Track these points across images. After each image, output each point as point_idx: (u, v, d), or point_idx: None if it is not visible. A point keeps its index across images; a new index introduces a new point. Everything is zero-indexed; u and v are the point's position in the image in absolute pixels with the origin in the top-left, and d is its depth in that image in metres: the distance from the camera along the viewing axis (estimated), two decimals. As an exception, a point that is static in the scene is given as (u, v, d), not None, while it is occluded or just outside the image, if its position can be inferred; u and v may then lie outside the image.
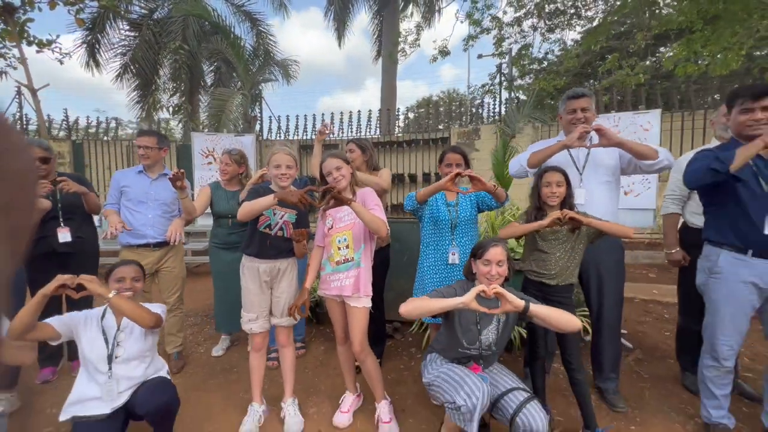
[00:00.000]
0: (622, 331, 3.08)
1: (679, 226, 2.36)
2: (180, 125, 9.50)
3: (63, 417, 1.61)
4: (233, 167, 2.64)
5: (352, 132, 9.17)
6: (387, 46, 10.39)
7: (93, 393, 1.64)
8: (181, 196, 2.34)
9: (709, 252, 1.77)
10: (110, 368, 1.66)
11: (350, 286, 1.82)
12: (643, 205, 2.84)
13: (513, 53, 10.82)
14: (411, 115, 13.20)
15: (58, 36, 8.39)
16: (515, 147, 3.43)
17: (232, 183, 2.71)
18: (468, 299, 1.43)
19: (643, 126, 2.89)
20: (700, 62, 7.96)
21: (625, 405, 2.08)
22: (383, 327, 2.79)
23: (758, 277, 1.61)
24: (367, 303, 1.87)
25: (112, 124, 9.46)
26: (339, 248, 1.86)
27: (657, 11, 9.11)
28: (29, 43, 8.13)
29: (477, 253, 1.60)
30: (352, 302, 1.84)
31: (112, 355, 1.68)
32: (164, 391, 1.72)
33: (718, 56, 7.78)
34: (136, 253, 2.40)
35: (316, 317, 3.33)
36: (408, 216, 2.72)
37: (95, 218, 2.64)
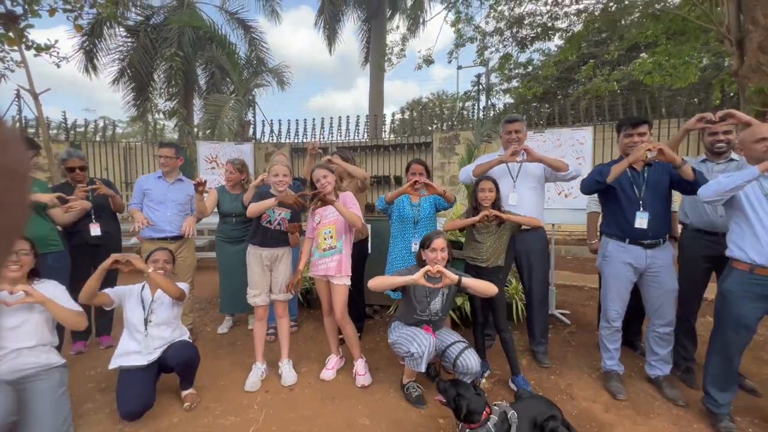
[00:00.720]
0: (565, 311, 3.69)
1: (599, 221, 2.95)
2: (175, 127, 9.86)
3: (111, 366, 2.11)
4: (236, 175, 3.14)
5: (341, 136, 9.68)
6: (375, 55, 10.92)
7: (133, 348, 2.14)
8: (199, 199, 2.83)
9: (604, 241, 2.35)
10: (146, 329, 2.16)
11: (334, 267, 2.35)
12: (580, 206, 3.41)
13: (493, 63, 11.41)
14: (399, 117, 13.70)
15: (56, 41, 8.71)
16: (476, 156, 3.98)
17: (235, 188, 3.21)
18: (417, 277, 1.97)
19: (579, 140, 3.47)
20: (663, 75, 8.72)
21: (551, 362, 2.65)
22: (363, 308, 3.32)
23: (633, 259, 2.19)
24: (347, 281, 2.40)
25: (109, 126, 9.80)
26: (325, 238, 2.38)
27: (631, 21, 9.80)
28: (27, 48, 8.43)
29: (425, 243, 2.14)
30: (335, 280, 2.37)
31: (147, 318, 2.18)
32: (188, 349, 2.23)
33: (680, 68, 8.55)
34: (156, 245, 2.87)
35: (306, 302, 3.84)
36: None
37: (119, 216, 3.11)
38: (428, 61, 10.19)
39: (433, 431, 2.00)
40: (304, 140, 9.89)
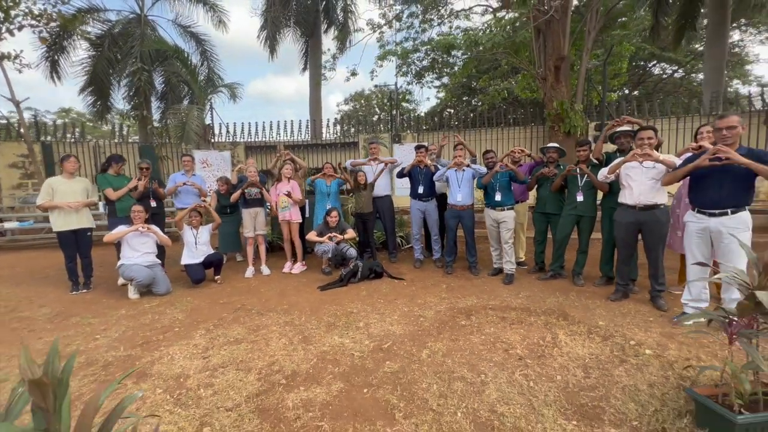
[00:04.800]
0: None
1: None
2: (147, 129, 11.31)
3: (182, 262, 4.53)
4: (225, 186, 5.49)
5: (287, 136, 11.98)
6: (312, 68, 13.22)
7: (191, 255, 4.57)
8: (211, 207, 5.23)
9: (412, 200, 5.19)
10: (196, 246, 4.59)
11: (288, 215, 4.95)
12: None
13: (412, 77, 14.24)
14: (336, 116, 16.15)
15: (21, 51, 9.89)
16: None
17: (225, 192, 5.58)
18: (325, 239, 4.62)
19: (409, 150, 6.34)
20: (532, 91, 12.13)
21: (397, 260, 5.49)
22: (305, 243, 5.91)
23: (419, 207, 5.05)
24: (298, 220, 5.01)
25: (77, 127, 11.06)
26: (282, 201, 4.95)
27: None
28: (-8, 57, 9.54)
29: (328, 213, 4.79)
30: (291, 221, 4.97)
31: (196, 240, 4.61)
32: (218, 255, 4.72)
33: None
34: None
35: (272, 248, 6.35)
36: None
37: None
38: (354, 74, 12.80)
39: (331, 279, 4.70)
40: (255, 139, 12.05)
